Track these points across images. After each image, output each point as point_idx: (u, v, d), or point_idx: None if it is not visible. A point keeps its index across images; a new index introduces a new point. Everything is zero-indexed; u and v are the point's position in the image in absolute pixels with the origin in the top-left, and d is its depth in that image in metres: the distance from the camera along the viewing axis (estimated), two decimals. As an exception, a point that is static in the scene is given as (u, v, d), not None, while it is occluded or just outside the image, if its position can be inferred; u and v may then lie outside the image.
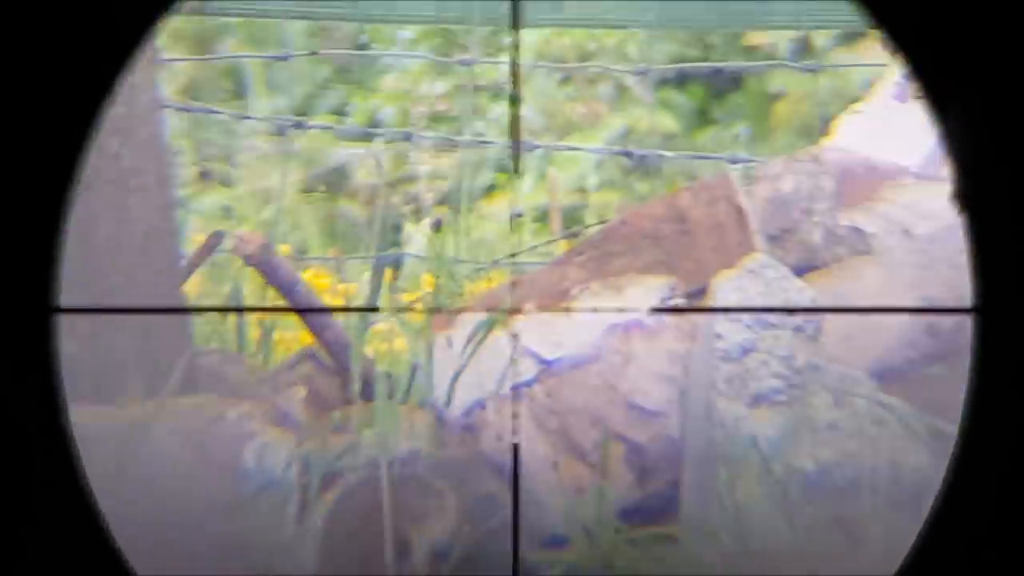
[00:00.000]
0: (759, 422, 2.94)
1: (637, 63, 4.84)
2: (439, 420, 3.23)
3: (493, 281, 3.82)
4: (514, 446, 3.11)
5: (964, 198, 2.19)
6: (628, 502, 3.09)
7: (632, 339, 3.22)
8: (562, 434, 3.17)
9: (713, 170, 4.45)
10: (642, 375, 3.19)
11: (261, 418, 3.10)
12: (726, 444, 2.91)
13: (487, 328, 3.24)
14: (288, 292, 3.49)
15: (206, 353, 3.51)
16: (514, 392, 3.18)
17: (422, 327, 3.32)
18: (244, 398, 3.18)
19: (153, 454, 3.00)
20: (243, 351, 3.60)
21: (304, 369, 3.44)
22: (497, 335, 3.25)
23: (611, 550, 2.97)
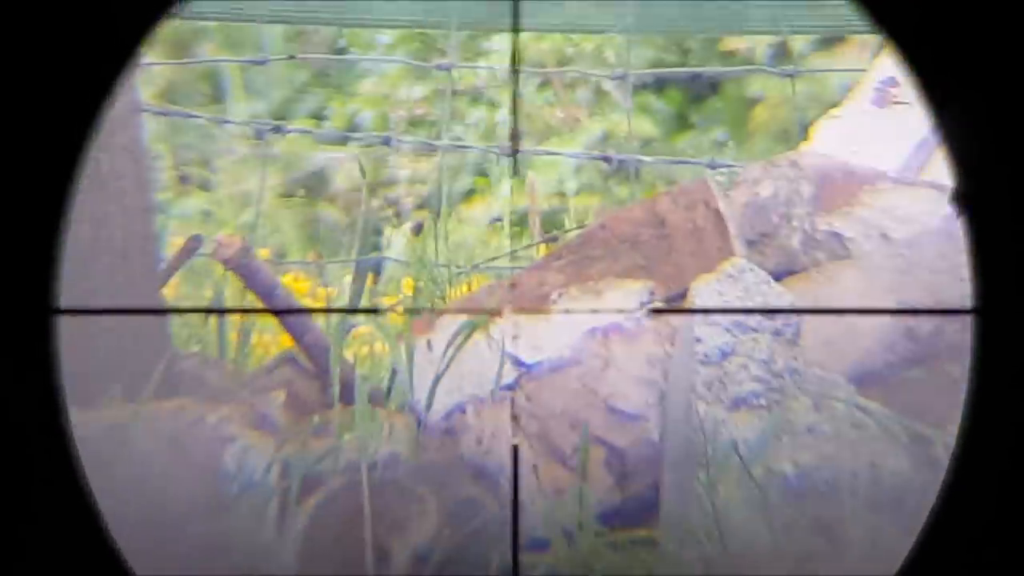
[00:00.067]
0: (739, 426, 2.95)
1: (615, 68, 4.85)
2: (419, 424, 3.23)
3: (473, 285, 3.83)
4: (514, 447, 3.12)
5: (964, 199, 2.19)
6: (608, 505, 3.09)
7: (611, 343, 3.23)
8: (542, 438, 3.17)
9: (692, 175, 4.46)
10: (622, 379, 3.19)
11: (241, 421, 3.10)
12: (706, 447, 2.91)
13: (467, 332, 3.24)
14: (267, 296, 3.49)
15: (186, 357, 3.51)
16: (512, 394, 3.18)
17: (402, 331, 3.32)
18: (224, 401, 3.17)
19: (133, 457, 2.99)
20: (223, 355, 3.59)
21: (284, 373, 3.43)
22: (477, 339, 3.25)
23: (591, 553, 2.97)
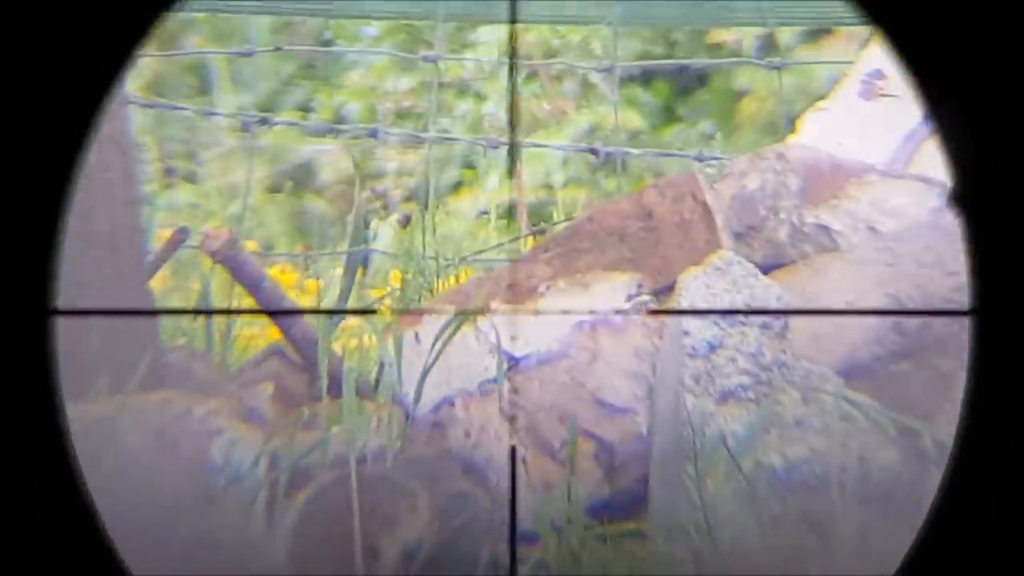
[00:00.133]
0: (727, 419, 2.95)
1: (602, 60, 4.85)
2: (407, 417, 3.23)
3: (461, 278, 3.82)
4: (511, 448, 3.12)
5: (961, 199, 2.19)
6: (597, 499, 3.09)
7: (599, 336, 3.23)
8: (530, 431, 3.17)
9: (679, 167, 4.47)
10: (610, 372, 3.19)
11: (228, 414, 3.09)
12: (694, 441, 2.91)
13: (456, 325, 3.24)
14: (254, 288, 3.48)
15: (172, 349, 3.50)
16: (510, 394, 3.18)
17: (390, 324, 3.32)
18: (211, 394, 3.17)
19: (119, 450, 2.98)
20: (210, 348, 3.59)
21: (272, 365, 3.43)
22: (465, 331, 3.25)
23: (580, 546, 2.97)
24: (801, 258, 3.38)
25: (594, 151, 4.66)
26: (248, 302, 3.53)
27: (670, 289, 3.21)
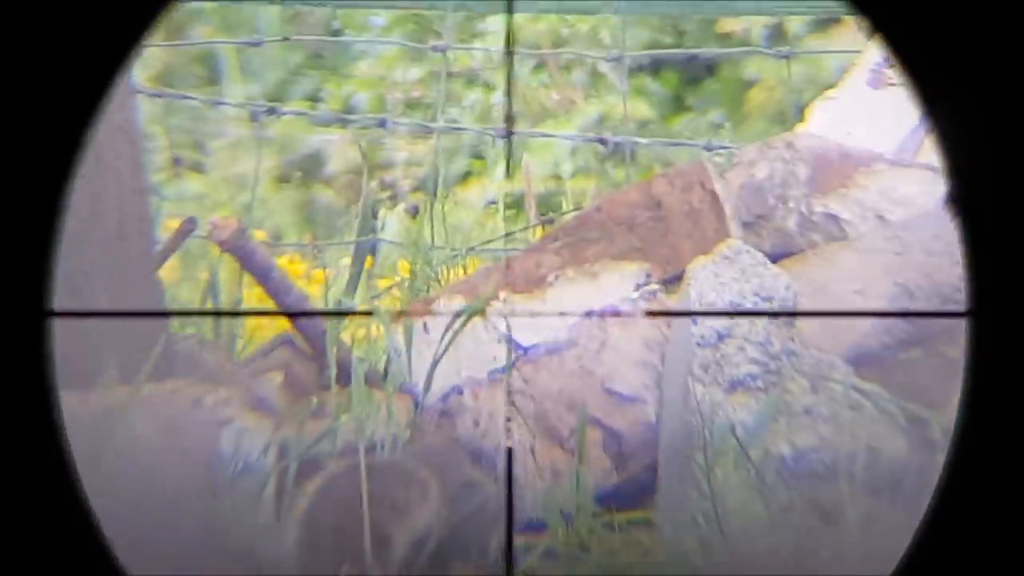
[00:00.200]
0: (736, 408, 2.95)
1: (611, 50, 4.84)
2: (416, 406, 3.23)
3: (469, 268, 3.82)
4: (508, 450, 3.12)
5: (958, 200, 2.19)
6: (605, 487, 3.10)
7: (608, 325, 3.23)
8: (539, 419, 3.17)
9: (688, 157, 4.46)
10: (618, 361, 3.20)
11: (237, 404, 3.10)
12: (703, 429, 2.91)
13: (465, 315, 3.24)
14: (263, 278, 3.48)
15: (182, 338, 3.50)
16: (509, 396, 3.19)
17: (399, 313, 3.32)
18: (221, 383, 3.17)
19: (129, 439, 2.99)
20: (219, 337, 3.59)
21: (281, 355, 3.43)
22: (474, 320, 3.25)
23: (588, 535, 2.98)
24: (810, 247, 3.38)
25: (603, 141, 4.65)
26: (257, 292, 3.54)
27: (679, 278, 3.21)
